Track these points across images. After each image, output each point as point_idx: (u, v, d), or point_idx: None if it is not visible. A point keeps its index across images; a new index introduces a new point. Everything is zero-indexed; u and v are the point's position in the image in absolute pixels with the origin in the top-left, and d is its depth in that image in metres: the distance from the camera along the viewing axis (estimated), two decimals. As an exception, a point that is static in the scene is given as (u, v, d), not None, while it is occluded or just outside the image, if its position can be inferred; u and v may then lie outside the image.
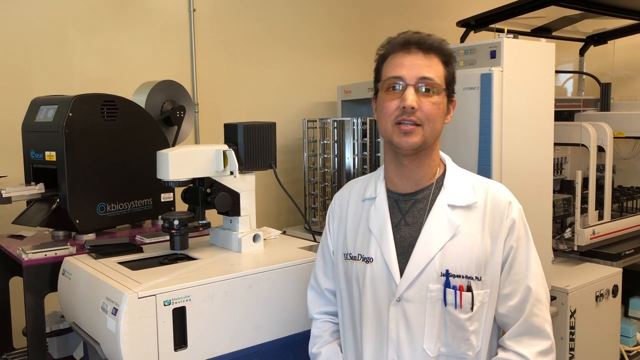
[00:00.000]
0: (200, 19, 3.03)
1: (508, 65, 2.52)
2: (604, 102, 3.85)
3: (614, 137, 3.28)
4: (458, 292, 1.36)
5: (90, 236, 2.14)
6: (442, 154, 1.50)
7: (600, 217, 3.22)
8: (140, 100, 2.34)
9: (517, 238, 1.39)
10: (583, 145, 3.19)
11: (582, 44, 4.08)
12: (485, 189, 1.43)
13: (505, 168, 2.49)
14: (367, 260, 1.44)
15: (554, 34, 3.88)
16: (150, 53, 2.89)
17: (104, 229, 2.21)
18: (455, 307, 1.36)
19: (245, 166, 1.92)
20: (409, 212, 1.44)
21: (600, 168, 3.34)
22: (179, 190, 2.40)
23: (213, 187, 1.92)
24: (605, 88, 3.86)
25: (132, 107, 2.24)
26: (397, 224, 1.44)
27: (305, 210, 3.14)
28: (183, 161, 1.83)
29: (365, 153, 2.97)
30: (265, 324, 1.75)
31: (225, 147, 1.90)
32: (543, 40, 2.70)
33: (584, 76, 4.09)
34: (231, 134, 1.96)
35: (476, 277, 1.37)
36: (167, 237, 2.10)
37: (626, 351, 3.18)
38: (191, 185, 1.92)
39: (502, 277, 1.40)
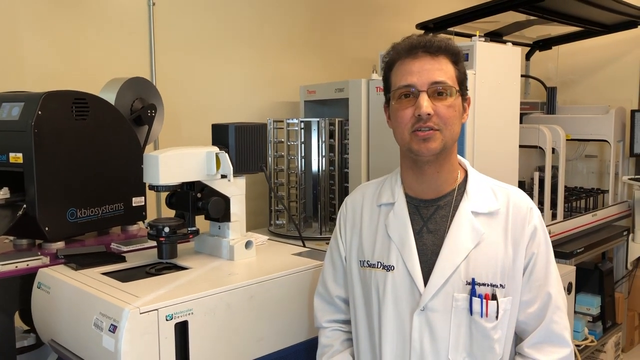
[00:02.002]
0: (159, 14, 2.88)
1: (480, 68, 2.55)
2: (550, 106, 4.00)
3: (561, 140, 3.41)
4: (484, 300, 1.33)
5: (59, 245, 1.98)
6: (460, 158, 1.48)
7: (554, 216, 3.33)
8: (110, 99, 2.19)
9: (538, 244, 1.39)
10: (540, 147, 3.30)
11: (528, 49, 4.22)
12: (506, 195, 1.42)
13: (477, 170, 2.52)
14: (388, 268, 1.40)
15: (504, 38, 3.98)
16: (107, 48, 2.71)
17: (74, 236, 2.05)
18: (482, 316, 1.34)
19: (236, 169, 1.82)
20: (431, 219, 1.41)
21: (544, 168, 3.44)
22: (150, 195, 2.29)
23: (204, 192, 1.82)
24: (551, 92, 4.02)
25: (104, 106, 2.09)
26: (418, 231, 1.40)
27: (270, 213, 3.06)
28: (174, 164, 1.71)
29: (332, 154, 2.93)
30: (267, 336, 1.66)
31: (216, 149, 1.80)
32: (509, 44, 2.76)
33: (530, 80, 4.23)
34: (221, 135, 1.86)
35: (500, 285, 1.35)
36: (147, 245, 1.98)
37: (576, 345, 3.31)
38: (178, 189, 1.81)
39: (522, 283, 1.39)
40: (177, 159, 1.73)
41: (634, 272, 3.97)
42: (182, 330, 1.48)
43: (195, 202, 1.80)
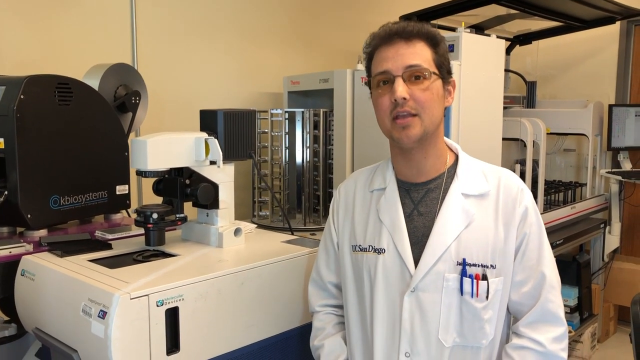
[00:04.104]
0: (142, 1, 2.83)
1: (465, 59, 2.56)
2: (530, 100, 4.04)
3: (540, 133, 3.44)
4: (475, 281, 1.34)
5: (42, 233, 1.93)
6: (451, 141, 1.48)
7: (534, 209, 3.36)
8: (93, 85, 2.14)
9: (530, 225, 1.39)
10: (521, 140, 3.33)
11: (509, 43, 4.25)
12: (497, 177, 1.43)
13: (462, 160, 2.53)
14: (379, 251, 1.40)
15: (485, 32, 4.00)
16: (87, 34, 2.65)
17: (57, 224, 2.01)
18: (472, 296, 1.34)
19: (224, 156, 1.80)
20: (421, 202, 1.41)
21: (524, 162, 3.48)
22: (131, 184, 2.25)
23: (192, 178, 1.79)
24: (531, 86, 4.06)
25: (87, 91, 2.04)
26: (409, 214, 1.41)
27: (253, 204, 3.03)
28: (162, 149, 1.69)
29: (317, 145, 2.92)
30: (256, 323, 1.65)
31: (205, 135, 1.78)
32: (494, 36, 2.78)
33: (510, 74, 4.26)
34: (209, 121, 1.83)
35: (491, 265, 1.36)
36: (132, 233, 1.96)
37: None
38: (166, 175, 1.78)
39: (515, 263, 1.40)
40: (166, 144, 1.70)
41: (610, 264, 4.03)
42: (172, 316, 1.46)
43: (184, 188, 1.77)
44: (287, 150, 2.94)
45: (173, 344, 1.47)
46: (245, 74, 3.33)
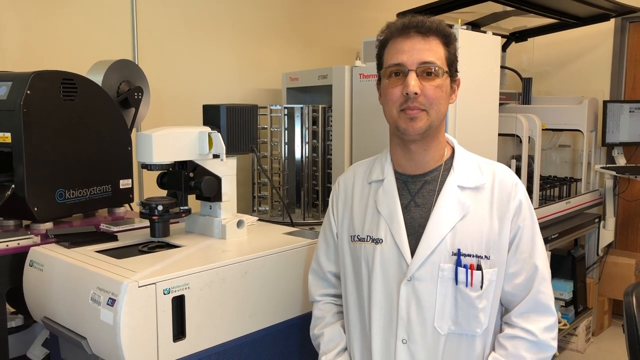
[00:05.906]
0: (142, -2, 2.87)
1: (462, 56, 2.59)
2: (525, 96, 4.09)
3: (536, 129, 3.49)
4: (469, 270, 1.38)
5: (48, 225, 1.97)
6: (447, 135, 1.52)
7: (529, 203, 3.41)
8: (96, 80, 2.18)
9: (524, 218, 1.44)
10: (517, 136, 3.37)
11: (505, 40, 4.29)
12: (492, 171, 1.47)
13: (459, 155, 2.57)
14: (377, 241, 1.44)
15: (481, 29, 4.04)
16: (89, 31, 2.69)
17: (63, 217, 2.04)
18: (467, 286, 1.38)
19: (227, 149, 1.84)
20: (418, 194, 1.45)
21: (520, 157, 3.53)
22: (135, 177, 2.29)
23: (195, 172, 1.83)
24: (527, 83, 4.10)
25: (92, 87, 2.08)
26: (406, 205, 1.45)
27: (253, 199, 3.07)
28: (167, 143, 1.73)
29: (315, 141, 2.96)
30: (259, 312, 1.69)
31: (208, 129, 1.82)
32: (490, 33, 2.82)
33: (505, 71, 4.31)
34: (212, 115, 1.87)
35: (485, 256, 1.40)
36: (137, 225, 2.00)
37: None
38: (170, 169, 1.82)
39: (509, 256, 1.44)
40: (170, 137, 1.74)
41: (605, 258, 4.09)
42: (179, 304, 1.50)
43: (188, 181, 1.81)
44: (286, 146, 2.98)
45: (179, 331, 1.51)
46: (245, 71, 3.37)
